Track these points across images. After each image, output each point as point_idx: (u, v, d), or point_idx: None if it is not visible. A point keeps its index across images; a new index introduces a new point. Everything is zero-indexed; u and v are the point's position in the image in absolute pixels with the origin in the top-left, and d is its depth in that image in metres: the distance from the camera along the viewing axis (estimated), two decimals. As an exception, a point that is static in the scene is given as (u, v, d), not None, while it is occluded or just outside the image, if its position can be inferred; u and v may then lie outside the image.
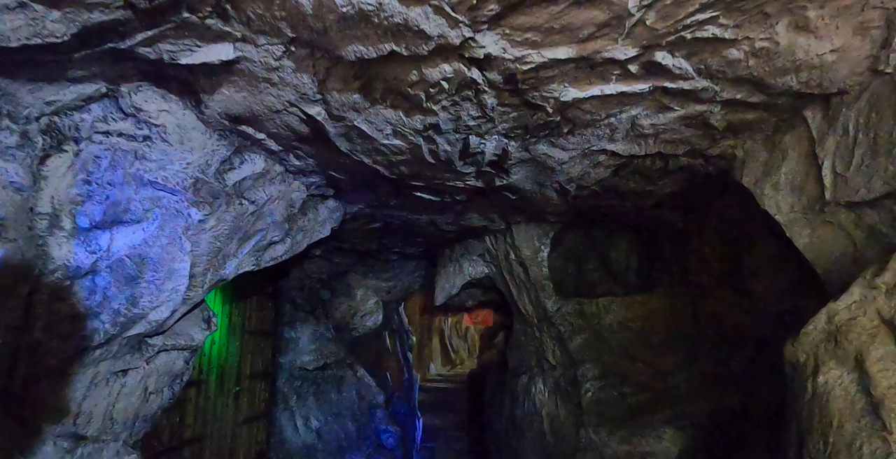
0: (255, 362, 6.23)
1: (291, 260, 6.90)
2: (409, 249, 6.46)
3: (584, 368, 4.44)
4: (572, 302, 4.63)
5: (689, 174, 3.52)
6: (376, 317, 7.69)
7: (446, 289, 6.17)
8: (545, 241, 4.77)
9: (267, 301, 6.76)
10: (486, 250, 5.40)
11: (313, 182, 3.70)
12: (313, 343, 7.28)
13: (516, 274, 5.01)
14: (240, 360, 5.83)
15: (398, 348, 8.35)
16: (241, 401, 5.85)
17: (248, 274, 6.04)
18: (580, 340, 4.53)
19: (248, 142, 3.02)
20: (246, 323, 6.03)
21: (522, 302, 5.06)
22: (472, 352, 18.53)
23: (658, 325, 4.64)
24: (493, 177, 3.53)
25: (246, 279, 5.87)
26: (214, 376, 5.15)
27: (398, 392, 8.06)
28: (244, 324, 5.97)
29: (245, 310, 6.08)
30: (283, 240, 3.77)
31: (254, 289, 6.20)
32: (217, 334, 5.16)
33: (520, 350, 5.39)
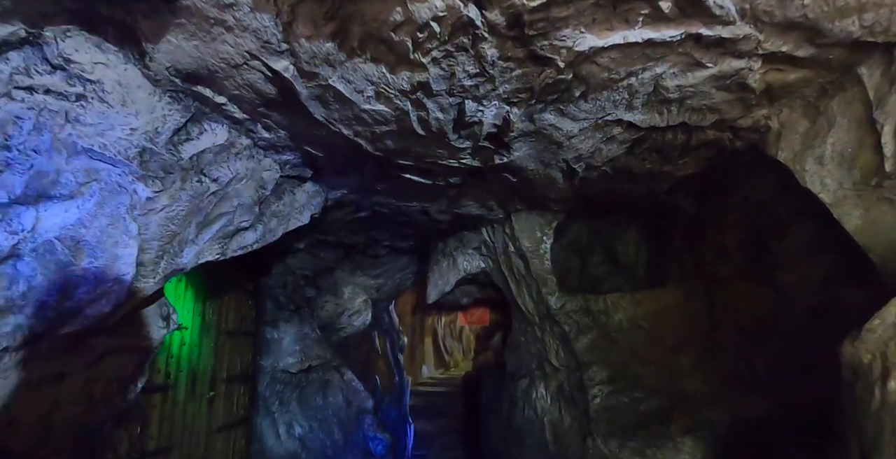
0: (232, 364, 5.80)
1: (273, 255, 6.52)
2: (400, 243, 6.05)
3: (590, 371, 4.05)
4: (577, 299, 4.25)
5: (714, 151, 3.14)
6: (365, 317, 7.26)
7: (439, 286, 5.77)
8: (548, 232, 4.39)
9: (247, 299, 6.34)
10: (483, 242, 5.01)
11: (287, 160, 3.29)
12: (297, 344, 6.86)
13: (516, 269, 4.62)
14: (215, 363, 5.40)
15: (388, 349, 7.99)
16: (216, 407, 5.41)
17: (225, 270, 5.65)
18: (586, 340, 4.15)
19: (206, 108, 2.61)
20: (222, 323, 5.61)
21: (522, 299, 4.67)
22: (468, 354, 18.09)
23: (671, 323, 4.26)
24: (492, 154, 3.14)
25: (222, 274, 5.47)
26: (184, 380, 4.72)
27: (388, 396, 7.69)
28: (220, 324, 5.54)
29: (221, 309, 5.65)
30: (253, 227, 3.36)
31: (232, 286, 5.78)
32: (188, 334, 4.73)
33: (519, 351, 5.01)
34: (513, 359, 5.21)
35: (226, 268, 5.48)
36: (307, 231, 5.78)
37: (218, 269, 5.28)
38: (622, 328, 4.22)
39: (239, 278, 6.04)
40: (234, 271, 5.78)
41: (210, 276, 5.13)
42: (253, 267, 6.31)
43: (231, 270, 5.67)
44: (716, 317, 4.02)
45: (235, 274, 5.87)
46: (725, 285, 3.92)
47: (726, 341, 3.80)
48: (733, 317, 3.79)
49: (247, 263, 5.98)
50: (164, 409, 4.47)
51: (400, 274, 7.31)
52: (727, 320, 3.85)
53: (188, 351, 4.80)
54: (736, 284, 3.77)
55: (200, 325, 5.04)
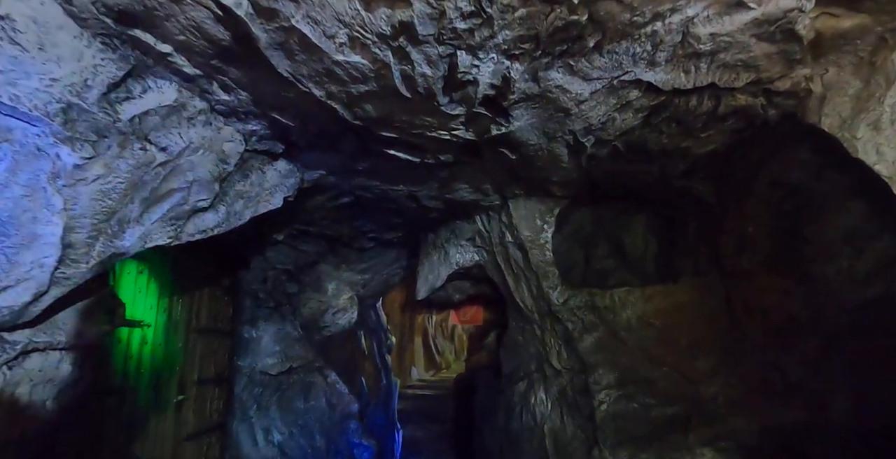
0: (205, 365, 5.40)
1: (251, 248, 6.11)
2: (387, 234, 5.67)
3: (596, 374, 3.68)
4: (582, 294, 3.88)
5: (743, 122, 2.77)
6: (350, 315, 6.83)
7: (430, 281, 5.39)
8: (549, 219, 4.01)
9: (222, 295, 5.93)
10: (477, 233, 4.63)
11: (253, 131, 2.89)
12: (277, 343, 6.45)
13: (514, 261, 4.24)
14: (184, 364, 4.99)
15: (375, 350, 7.65)
16: (185, 413, 5.00)
17: (197, 262, 5.24)
18: (592, 340, 3.78)
19: (149, 60, 2.21)
20: (193, 320, 5.19)
21: (520, 295, 4.29)
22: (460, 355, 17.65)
23: (685, 321, 3.90)
24: (489, 124, 2.75)
25: (193, 267, 5.06)
26: (146, 383, 4.31)
27: (375, 400, 7.36)
28: (191, 321, 5.13)
29: (192, 305, 5.24)
30: (213, 208, 2.96)
31: (205, 280, 5.37)
32: (150, 332, 4.32)
33: (516, 352, 4.63)
34: (509, 361, 4.84)
35: (197, 261, 5.09)
36: (286, 220, 5.40)
37: (188, 262, 4.90)
38: (631, 326, 3.85)
39: (213, 272, 5.63)
40: (208, 264, 5.37)
41: (179, 269, 4.73)
42: (229, 260, 5.92)
43: (203, 263, 5.26)
44: (736, 316, 3.65)
45: (209, 268, 5.46)
46: (747, 280, 3.56)
47: (749, 342, 3.44)
48: (757, 316, 3.43)
49: (222, 256, 5.60)
50: (122, 415, 4.06)
51: (388, 269, 6.93)
52: (750, 319, 3.49)
53: (151, 350, 4.39)
54: (761, 279, 3.41)
55: (166, 322, 4.63)
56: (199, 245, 5.03)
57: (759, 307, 3.44)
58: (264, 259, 6.41)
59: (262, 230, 5.52)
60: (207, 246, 5.21)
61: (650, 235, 4.47)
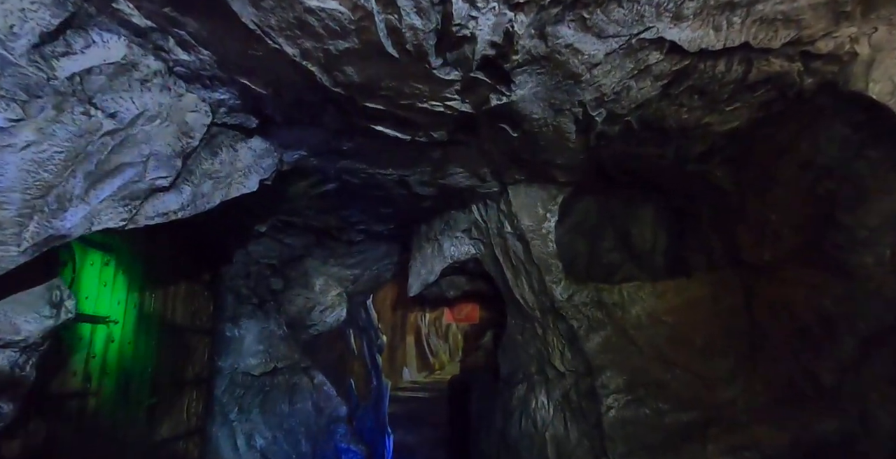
0: (182, 366, 5.10)
1: (233, 241, 5.80)
2: (377, 226, 5.36)
3: (604, 376, 3.39)
4: (588, 289, 3.58)
5: (774, 93, 2.49)
6: (339, 313, 6.59)
7: (422, 276, 5.09)
8: (552, 208, 3.72)
9: (202, 290, 5.63)
10: (474, 223, 4.33)
11: (221, 100, 2.58)
12: (261, 343, 6.14)
13: (513, 253, 3.94)
14: (158, 363, 4.68)
15: (365, 350, 7.34)
16: (158, 417, 4.69)
17: (173, 255, 4.92)
18: (598, 339, 3.49)
19: (90, 6, 1.90)
20: (168, 317, 4.88)
21: (520, 290, 3.99)
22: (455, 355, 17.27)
23: (699, 319, 3.62)
24: (488, 93, 2.45)
25: (169, 260, 4.75)
26: (112, 384, 3.99)
27: (364, 403, 7.07)
28: (165, 318, 4.82)
29: (168, 301, 4.93)
30: (176, 188, 2.64)
31: (182, 275, 5.06)
32: (117, 329, 4.00)
33: (515, 352, 4.34)
34: (508, 362, 4.54)
35: (173, 254, 4.78)
36: (268, 210, 5.09)
37: (163, 254, 4.59)
38: (641, 324, 3.57)
39: (191, 266, 5.32)
40: (185, 257, 5.07)
41: (151, 262, 4.42)
42: (209, 253, 5.62)
43: (180, 256, 4.96)
44: (757, 314, 3.37)
45: (186, 261, 5.15)
46: (770, 274, 3.28)
47: (772, 342, 3.15)
48: (782, 314, 3.14)
49: (201, 249, 5.32)
50: (84, 420, 3.74)
51: (378, 264, 6.65)
52: (773, 317, 3.21)
53: (118, 349, 4.07)
54: (785, 272, 3.13)
55: (137, 319, 4.31)
56: (175, 236, 4.76)
57: (783, 303, 3.15)
58: (247, 253, 6.12)
59: (243, 221, 5.22)
60: (184, 238, 4.93)
61: (659, 227, 4.19)
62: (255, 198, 4.17)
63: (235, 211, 4.69)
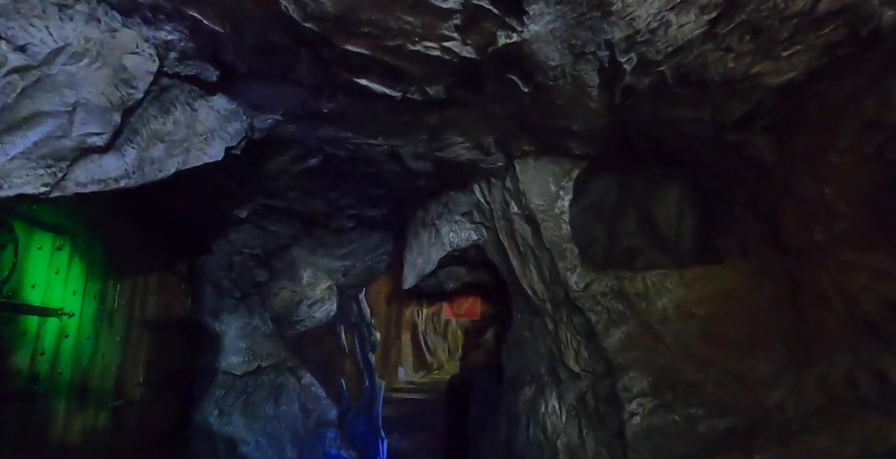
0: (154, 364, 4.71)
1: (213, 228, 5.40)
2: (369, 211, 4.95)
3: (627, 378, 2.98)
4: (608, 277, 3.17)
5: (844, 31, 2.07)
6: (328, 307, 6.20)
7: (419, 266, 4.69)
8: (565, 184, 3.30)
9: (178, 282, 5.26)
10: (475, 205, 3.92)
11: (169, 41, 2.15)
12: (243, 339, 5.79)
13: (520, 237, 3.53)
14: (124, 362, 4.28)
15: (357, 348, 6.97)
16: (125, 421, 4.29)
17: (144, 242, 4.51)
18: (620, 334, 3.07)
19: None
20: (137, 310, 4.49)
21: (528, 280, 3.58)
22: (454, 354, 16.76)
23: (735, 311, 3.22)
24: (496, 29, 2.02)
25: (138, 247, 4.34)
26: (67, 385, 3.59)
27: (356, 405, 6.70)
28: (133, 312, 4.43)
29: (136, 292, 4.53)
30: (117, 149, 2.22)
31: (154, 264, 4.68)
32: (73, 323, 3.60)
33: (522, 350, 3.93)
34: (513, 361, 4.12)
35: (143, 240, 4.39)
36: (246, 192, 4.66)
37: (130, 240, 4.19)
38: (668, 318, 3.15)
39: (165, 255, 4.94)
40: (158, 245, 4.70)
41: (117, 249, 4.02)
42: (186, 242, 5.24)
43: (153, 244, 4.58)
44: (804, 304, 2.96)
45: (160, 250, 4.77)
46: (821, 259, 2.86)
47: (826, 337, 2.74)
48: (837, 304, 2.73)
49: (176, 236, 4.94)
50: (30, 426, 3.33)
51: (371, 255, 6.25)
52: (826, 308, 2.79)
53: (74, 345, 3.67)
54: (843, 256, 2.71)
55: (98, 312, 3.92)
56: (145, 221, 4.35)
57: (839, 292, 2.74)
58: (228, 241, 5.72)
59: (219, 203, 4.81)
60: (157, 224, 4.51)
61: (686, 208, 3.77)
62: (228, 173, 3.77)
63: (210, 190, 4.29)
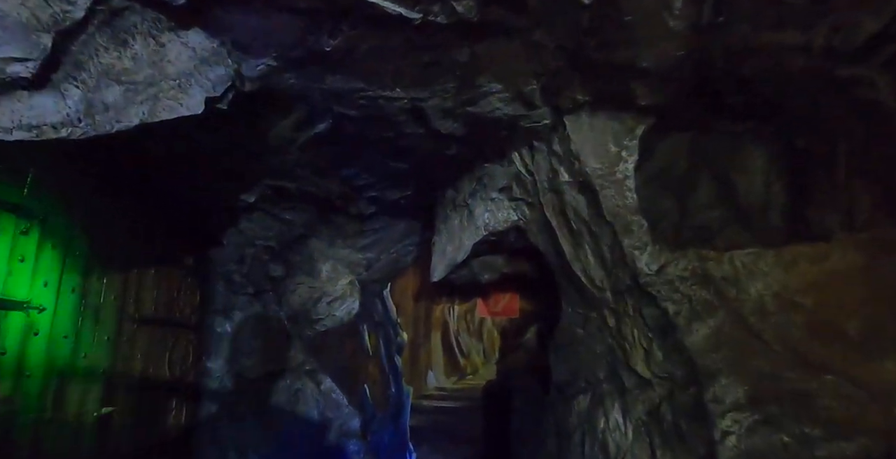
0: (155, 366, 4.37)
1: (222, 217, 5.03)
2: (391, 192, 4.47)
3: (717, 385, 2.36)
4: (688, 257, 2.56)
5: None
6: (350, 305, 5.92)
7: (449, 255, 4.18)
8: (628, 144, 2.72)
9: (183, 276, 4.92)
10: (515, 178, 3.36)
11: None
12: (257, 340, 5.50)
13: (572, 212, 2.95)
14: (113, 364, 3.89)
15: (382, 350, 6.66)
16: (116, 429, 3.90)
17: (138, 230, 4.10)
18: (706, 330, 2.46)
19: None
20: (130, 307, 4.11)
21: (583, 264, 2.99)
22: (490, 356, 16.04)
23: (852, 299, 2.60)
24: None
25: (132, 237, 3.95)
26: (38, 390, 3.18)
27: (381, 413, 6.38)
28: (125, 308, 4.03)
29: (129, 286, 4.13)
30: (52, 86, 1.75)
31: (153, 256, 4.32)
32: (44, 318, 3.19)
33: (574, 351, 3.34)
34: (563, 364, 3.53)
35: (141, 228, 4.04)
36: (251, 169, 4.25)
37: (124, 228, 3.81)
38: (765, 308, 2.53)
39: (167, 245, 4.55)
40: (159, 234, 4.34)
41: (105, 237, 3.64)
42: (193, 232, 4.93)
43: (152, 232, 4.22)
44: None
45: (161, 239, 4.40)
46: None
47: None
48: None
49: (182, 226, 4.53)
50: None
51: (396, 246, 5.88)
52: None
53: (47, 344, 3.26)
54: None
55: (77, 306, 3.51)
56: (141, 205, 3.94)
57: None
58: (239, 231, 5.39)
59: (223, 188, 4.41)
60: (155, 209, 4.10)
61: (774, 174, 3.15)
62: (221, 142, 3.31)
63: (204, 165, 3.87)
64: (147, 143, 2.88)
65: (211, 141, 3.19)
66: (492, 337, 16.22)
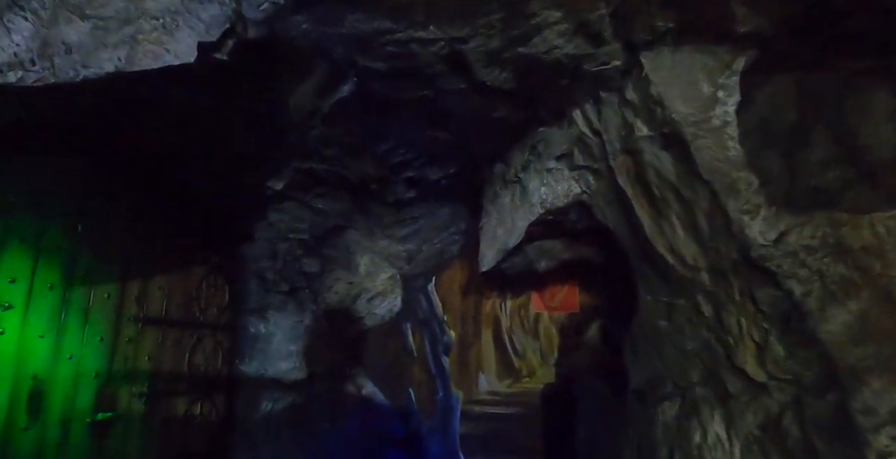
0: (167, 370, 4.12)
1: (248, 206, 4.77)
2: (432, 171, 4.08)
3: (867, 391, 1.81)
4: (817, 222, 2.01)
5: None
6: (392, 302, 5.64)
7: (499, 240, 3.74)
8: (726, 82, 2.18)
9: (206, 274, 4.67)
10: (577, 141, 2.86)
11: None
12: (293, 342, 5.26)
13: (654, 174, 2.43)
14: (111, 368, 3.63)
15: (427, 350, 6.45)
16: (115, 439, 3.63)
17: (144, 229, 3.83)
18: (846, 316, 1.90)
19: None
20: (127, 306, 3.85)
21: (668, 239, 2.47)
22: (548, 356, 15.41)
23: None
24: None
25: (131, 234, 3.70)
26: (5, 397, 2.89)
27: (428, 421, 6.14)
28: (122, 307, 3.76)
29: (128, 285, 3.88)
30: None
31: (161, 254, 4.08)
32: (13, 318, 2.96)
33: (657, 348, 2.81)
34: (642, 364, 3.01)
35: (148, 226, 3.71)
36: (277, 154, 3.93)
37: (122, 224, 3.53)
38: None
39: (185, 243, 4.33)
40: (172, 232, 4.09)
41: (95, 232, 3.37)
42: (218, 229, 4.60)
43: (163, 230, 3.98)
44: None
45: (174, 237, 4.15)
46: None
47: None
48: None
49: (205, 223, 4.31)
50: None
51: (440, 235, 5.48)
52: None
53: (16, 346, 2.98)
54: None
55: (58, 305, 3.22)
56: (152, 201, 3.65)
57: None
58: (269, 225, 5.15)
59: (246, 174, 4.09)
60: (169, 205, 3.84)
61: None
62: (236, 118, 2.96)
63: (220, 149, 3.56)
64: (145, 118, 2.55)
65: (224, 117, 2.84)
66: (549, 335, 15.59)
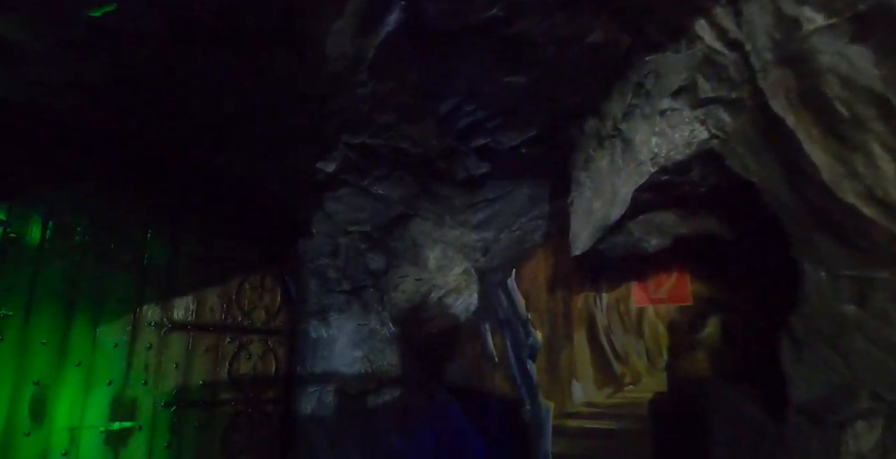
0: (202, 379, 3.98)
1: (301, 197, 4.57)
2: (508, 136, 3.60)
3: None
4: None
5: None
6: (467, 299, 5.43)
7: (597, 215, 3.16)
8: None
9: (248, 275, 4.51)
10: (703, 64, 2.17)
11: None
12: (358, 347, 5.14)
13: (838, 87, 1.71)
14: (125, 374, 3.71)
15: (510, 355, 6.09)
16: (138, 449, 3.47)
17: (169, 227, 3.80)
18: None
19: None
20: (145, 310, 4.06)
21: (863, 183, 1.73)
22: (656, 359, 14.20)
23: None
24: None
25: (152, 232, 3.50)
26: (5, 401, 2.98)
27: (511, 435, 5.83)
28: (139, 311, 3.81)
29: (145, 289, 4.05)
30: None
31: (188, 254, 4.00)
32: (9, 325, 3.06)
33: (842, 345, 2.08)
34: (813, 370, 2.25)
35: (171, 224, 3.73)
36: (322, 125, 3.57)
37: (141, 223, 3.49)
38: None
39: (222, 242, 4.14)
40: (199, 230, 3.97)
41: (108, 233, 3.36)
42: (266, 223, 4.50)
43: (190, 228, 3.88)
44: None
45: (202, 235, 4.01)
46: None
47: None
48: None
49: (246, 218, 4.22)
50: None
51: (520, 220, 5.11)
52: None
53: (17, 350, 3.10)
54: None
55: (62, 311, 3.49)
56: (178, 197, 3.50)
57: None
58: (327, 216, 5.08)
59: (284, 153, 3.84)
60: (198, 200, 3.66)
61: None
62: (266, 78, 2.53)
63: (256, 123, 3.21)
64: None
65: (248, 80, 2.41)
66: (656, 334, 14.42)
